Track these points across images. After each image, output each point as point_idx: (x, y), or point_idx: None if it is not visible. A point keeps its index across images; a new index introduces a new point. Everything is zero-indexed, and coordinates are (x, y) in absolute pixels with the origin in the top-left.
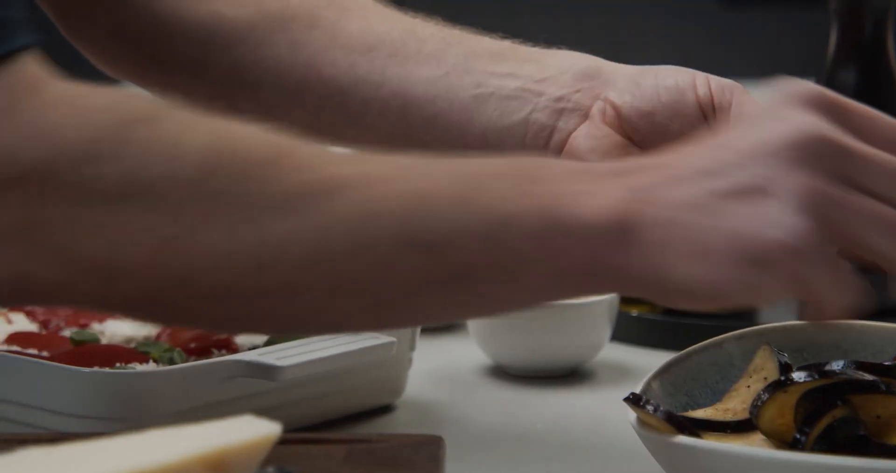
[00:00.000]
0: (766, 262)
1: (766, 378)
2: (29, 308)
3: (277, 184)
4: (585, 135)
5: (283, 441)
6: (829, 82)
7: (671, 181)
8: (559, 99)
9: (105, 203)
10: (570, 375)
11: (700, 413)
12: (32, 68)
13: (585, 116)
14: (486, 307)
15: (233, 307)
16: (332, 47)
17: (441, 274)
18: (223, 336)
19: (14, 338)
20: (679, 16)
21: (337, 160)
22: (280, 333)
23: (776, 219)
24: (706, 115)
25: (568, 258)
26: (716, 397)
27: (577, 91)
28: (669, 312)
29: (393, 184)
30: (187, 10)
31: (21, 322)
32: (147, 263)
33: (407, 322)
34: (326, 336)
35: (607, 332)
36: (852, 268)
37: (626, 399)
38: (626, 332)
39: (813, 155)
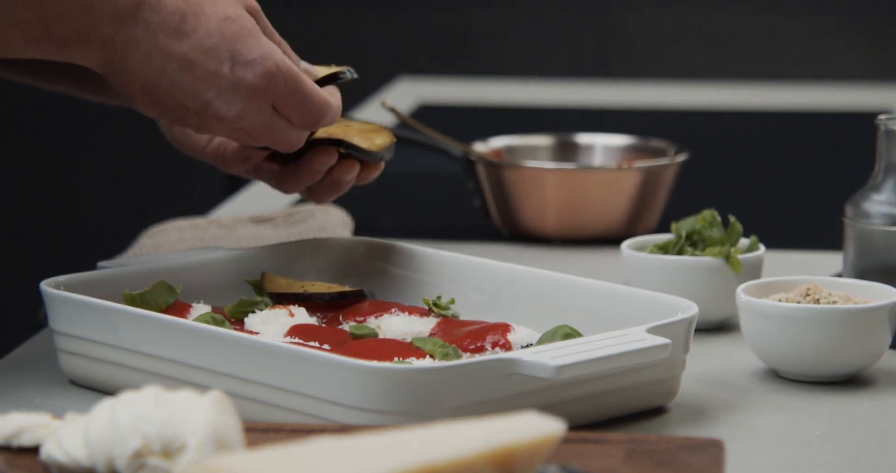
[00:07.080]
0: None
1: None
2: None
3: None
4: None
5: (561, 440)
6: None
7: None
8: None
9: None
10: (848, 381)
11: None
12: None
13: None
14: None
15: None
16: None
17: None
18: (498, 334)
19: (295, 330)
20: None
21: None
22: None
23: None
24: None
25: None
26: None
27: None
28: None
29: None
30: None
31: (302, 316)
32: None
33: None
34: (602, 337)
35: (888, 338)
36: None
37: None
38: None
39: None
